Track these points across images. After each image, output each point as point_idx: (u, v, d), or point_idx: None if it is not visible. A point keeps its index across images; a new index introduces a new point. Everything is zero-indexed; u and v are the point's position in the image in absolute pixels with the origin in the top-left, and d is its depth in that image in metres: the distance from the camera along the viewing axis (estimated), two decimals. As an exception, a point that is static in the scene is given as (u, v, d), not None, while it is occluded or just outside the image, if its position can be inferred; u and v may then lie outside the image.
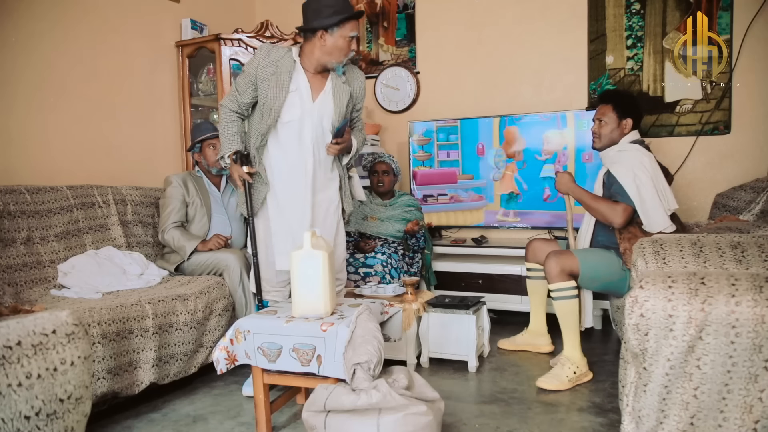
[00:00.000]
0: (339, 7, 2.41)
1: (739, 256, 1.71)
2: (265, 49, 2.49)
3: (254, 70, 2.46)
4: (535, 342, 3.03)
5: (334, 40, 2.42)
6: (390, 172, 3.55)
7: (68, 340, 1.62)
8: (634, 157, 2.59)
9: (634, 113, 2.73)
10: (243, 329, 2.15)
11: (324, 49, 2.44)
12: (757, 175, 3.27)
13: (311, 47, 2.47)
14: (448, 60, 4.16)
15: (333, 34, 2.41)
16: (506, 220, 3.89)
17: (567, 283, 2.60)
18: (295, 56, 2.50)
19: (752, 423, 1.54)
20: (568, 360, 2.57)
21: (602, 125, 2.73)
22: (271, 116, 2.46)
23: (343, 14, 2.40)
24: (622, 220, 2.56)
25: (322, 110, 2.52)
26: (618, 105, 2.71)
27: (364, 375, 1.85)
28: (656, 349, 1.61)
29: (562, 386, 2.52)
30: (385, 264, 3.21)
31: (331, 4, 2.41)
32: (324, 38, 2.43)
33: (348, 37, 2.43)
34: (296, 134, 2.51)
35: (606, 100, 2.77)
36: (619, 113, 2.71)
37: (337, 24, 2.40)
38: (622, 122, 2.71)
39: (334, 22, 2.39)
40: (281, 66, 2.47)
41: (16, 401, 1.44)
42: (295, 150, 2.51)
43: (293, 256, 2.14)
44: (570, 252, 2.65)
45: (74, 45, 3.21)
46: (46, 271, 2.71)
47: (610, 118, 2.71)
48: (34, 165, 2.99)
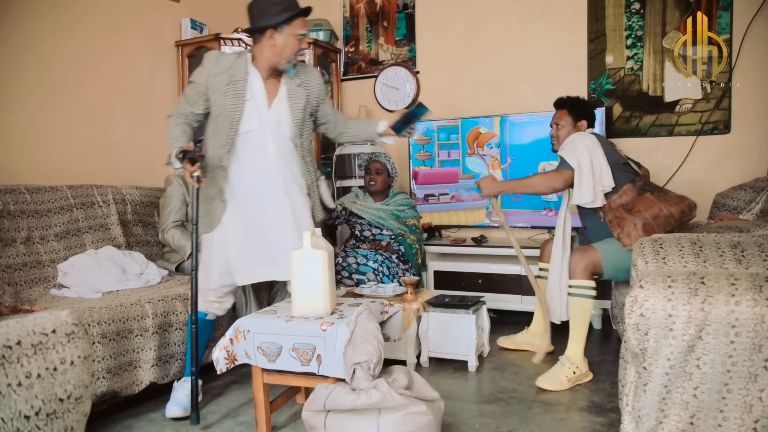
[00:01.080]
0: (287, 4, 2.32)
1: (738, 256, 1.71)
2: (213, 56, 2.38)
3: (204, 80, 2.35)
4: (534, 342, 3.03)
5: (284, 39, 2.33)
6: (384, 172, 3.52)
7: (68, 339, 1.62)
8: (577, 138, 2.73)
9: (588, 116, 2.94)
10: (243, 329, 2.15)
11: (274, 49, 2.34)
12: (756, 175, 3.27)
13: (261, 49, 2.37)
14: (448, 60, 4.16)
15: (283, 33, 2.32)
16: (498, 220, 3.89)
17: (589, 281, 2.60)
18: (248, 61, 2.40)
19: (752, 422, 1.54)
20: (568, 360, 2.57)
21: (559, 128, 2.93)
22: (231, 128, 2.34)
23: (292, 11, 2.31)
24: (563, 182, 2.69)
25: (279, 117, 2.42)
26: (572, 109, 2.92)
27: (363, 375, 1.85)
28: (656, 349, 1.61)
29: (561, 386, 2.52)
30: (377, 272, 3.20)
31: (279, 1, 2.32)
32: (274, 38, 2.33)
33: (298, 34, 2.34)
34: (257, 144, 2.39)
35: (561, 105, 2.98)
36: (574, 117, 2.91)
37: (287, 21, 2.31)
38: (577, 124, 2.90)
39: (283, 20, 2.30)
40: (235, 74, 2.35)
41: (15, 401, 1.44)
42: (257, 161, 2.39)
43: (293, 255, 2.14)
44: (592, 247, 2.66)
45: (74, 45, 3.21)
46: (46, 271, 2.72)
47: (567, 121, 2.91)
48: (34, 164, 2.99)
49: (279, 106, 2.42)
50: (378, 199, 3.57)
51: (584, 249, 2.66)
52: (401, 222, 3.49)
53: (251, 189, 2.40)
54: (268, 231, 2.41)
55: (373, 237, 3.49)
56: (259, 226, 2.40)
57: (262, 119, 2.38)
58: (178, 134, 2.37)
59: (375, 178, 3.51)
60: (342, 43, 4.46)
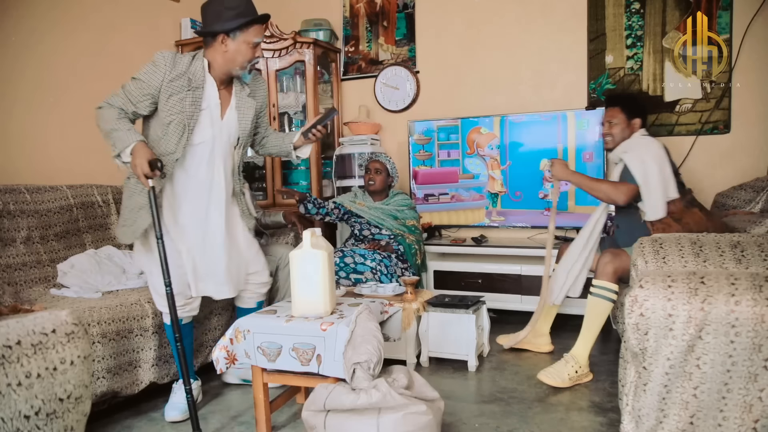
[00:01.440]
0: (242, 9, 2.21)
1: (738, 256, 1.71)
2: (168, 57, 2.23)
3: (158, 82, 2.19)
4: (535, 341, 3.04)
5: (236, 46, 2.22)
6: (383, 172, 3.52)
7: (68, 339, 1.62)
8: (643, 143, 2.69)
9: (642, 113, 2.85)
10: (243, 329, 2.15)
11: (226, 55, 2.24)
12: (756, 175, 3.27)
13: (213, 54, 2.26)
14: (448, 59, 4.16)
15: (235, 39, 2.22)
16: (498, 219, 3.89)
17: (613, 285, 2.56)
18: (205, 68, 2.27)
19: (752, 422, 1.54)
20: (573, 358, 2.57)
21: (612, 126, 2.84)
22: (183, 137, 2.23)
23: (247, 17, 2.21)
24: (626, 198, 2.64)
25: (230, 128, 2.35)
26: (626, 106, 2.83)
27: (363, 374, 1.85)
28: (656, 349, 1.61)
29: (562, 383, 2.52)
30: (374, 270, 3.20)
31: (234, 6, 2.20)
32: (225, 43, 2.23)
33: (252, 42, 2.24)
34: (205, 155, 2.30)
35: (614, 102, 2.89)
36: (627, 114, 2.82)
37: (240, 28, 2.21)
38: (631, 122, 2.82)
39: (236, 26, 2.20)
40: (193, 79, 2.23)
41: (15, 401, 1.44)
42: (203, 172, 2.31)
43: (293, 255, 2.14)
44: (624, 251, 2.61)
45: (74, 44, 3.21)
46: (46, 271, 2.72)
47: (620, 119, 2.83)
48: (34, 164, 2.99)
49: (230, 118, 2.35)
50: (377, 199, 3.56)
51: (617, 252, 2.60)
52: (400, 222, 3.49)
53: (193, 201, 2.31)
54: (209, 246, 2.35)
55: (372, 236, 3.49)
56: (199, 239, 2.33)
57: (214, 130, 2.30)
58: (128, 127, 2.17)
59: (374, 178, 3.51)
60: (342, 43, 4.46)
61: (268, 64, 3.87)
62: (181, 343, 2.16)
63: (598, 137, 3.57)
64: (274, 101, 3.89)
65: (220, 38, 2.23)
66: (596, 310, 2.57)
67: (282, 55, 3.89)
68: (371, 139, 4.10)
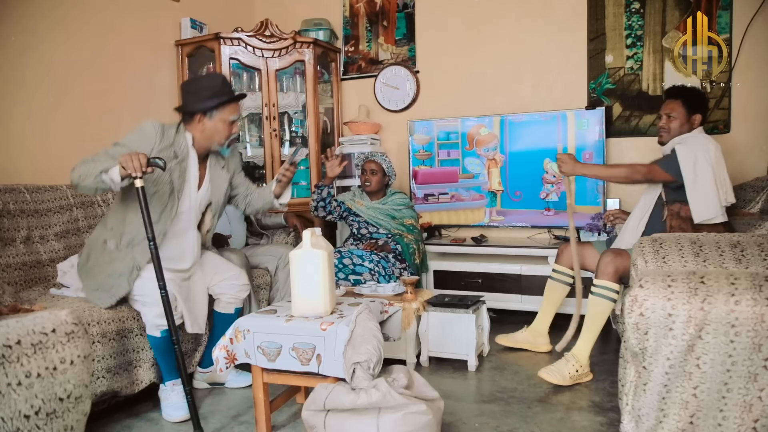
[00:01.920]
0: (217, 89, 2.32)
1: (738, 255, 1.71)
2: (158, 127, 2.29)
3: (147, 150, 2.21)
4: (534, 341, 3.03)
5: (213, 124, 2.34)
6: (378, 172, 3.51)
7: (68, 339, 1.62)
8: (700, 141, 2.59)
9: (703, 109, 2.73)
10: (243, 328, 2.15)
11: (204, 133, 2.36)
12: (756, 174, 3.27)
13: (192, 131, 2.38)
14: (448, 59, 4.16)
15: (212, 118, 2.33)
16: (497, 219, 3.89)
17: (614, 284, 2.54)
18: (189, 142, 2.38)
19: (752, 422, 1.54)
20: (573, 357, 2.57)
21: (671, 120, 2.73)
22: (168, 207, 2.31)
23: (222, 97, 2.31)
24: (642, 175, 2.57)
25: (203, 200, 2.45)
26: (687, 100, 2.71)
27: (363, 374, 1.85)
28: (656, 348, 1.61)
29: (563, 381, 2.52)
30: (373, 272, 3.20)
31: (209, 86, 2.32)
32: (203, 122, 2.34)
33: (228, 120, 2.35)
34: (180, 225, 2.39)
35: (675, 95, 2.76)
36: (688, 109, 2.70)
37: (216, 107, 2.32)
38: (691, 118, 2.70)
39: (212, 106, 2.31)
40: (180, 151, 2.32)
41: (15, 400, 1.44)
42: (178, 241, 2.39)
43: (293, 255, 2.14)
44: (626, 252, 2.58)
45: (74, 44, 3.21)
46: (46, 270, 2.71)
47: (679, 113, 2.71)
48: (34, 164, 2.99)
49: (205, 190, 2.46)
50: (375, 198, 3.57)
51: (618, 252, 2.59)
52: (398, 222, 3.49)
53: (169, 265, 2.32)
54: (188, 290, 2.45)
55: (370, 235, 3.49)
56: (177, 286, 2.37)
57: (191, 202, 2.40)
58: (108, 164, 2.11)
59: (370, 179, 3.51)
60: (342, 43, 4.46)
61: (268, 63, 3.87)
62: (179, 347, 2.17)
63: (598, 137, 3.57)
64: (274, 101, 3.89)
65: (197, 117, 2.35)
66: (598, 309, 2.56)
67: (282, 54, 3.89)
68: (371, 139, 4.10)
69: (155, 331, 2.28)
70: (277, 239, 3.49)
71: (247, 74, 3.95)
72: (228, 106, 2.35)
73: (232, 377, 2.65)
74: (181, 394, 2.27)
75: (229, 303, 2.61)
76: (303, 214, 3.82)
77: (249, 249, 3.28)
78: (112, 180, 2.08)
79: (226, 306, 2.61)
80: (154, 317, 2.25)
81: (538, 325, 3.05)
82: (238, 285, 2.60)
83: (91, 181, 2.11)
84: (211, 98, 2.31)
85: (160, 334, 2.26)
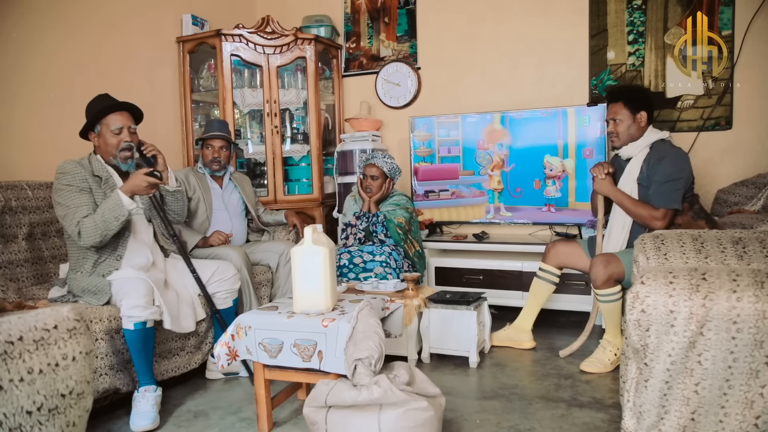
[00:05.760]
0: (97, 105, 2.46)
1: (740, 252, 1.70)
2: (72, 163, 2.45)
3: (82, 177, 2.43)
4: (517, 337, 3.03)
5: (103, 139, 2.47)
6: (379, 177, 3.35)
7: (70, 335, 1.62)
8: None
9: (646, 105, 2.70)
10: (244, 325, 2.15)
11: (101, 149, 2.49)
12: (758, 171, 3.26)
13: (98, 151, 2.53)
14: (449, 56, 4.15)
15: (100, 132, 2.47)
16: (500, 216, 3.89)
17: (614, 288, 2.61)
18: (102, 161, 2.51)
19: (753, 418, 1.54)
20: (609, 343, 2.62)
21: (617, 124, 2.72)
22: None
23: (97, 108, 2.44)
24: (662, 225, 2.56)
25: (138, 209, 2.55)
26: (629, 100, 2.69)
27: (365, 371, 1.86)
28: (657, 345, 1.61)
29: (605, 369, 2.59)
30: (385, 264, 3.16)
31: (92, 105, 2.47)
32: (95, 139, 2.49)
33: (113, 129, 2.45)
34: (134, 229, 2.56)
35: (615, 97, 2.74)
36: (630, 109, 2.69)
37: (97, 120, 2.46)
38: (636, 117, 2.69)
39: (95, 121, 2.46)
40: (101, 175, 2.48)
41: (17, 396, 1.44)
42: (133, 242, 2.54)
43: (294, 251, 2.14)
44: (616, 257, 2.60)
45: (76, 41, 3.21)
46: (48, 267, 2.72)
47: (624, 115, 2.70)
48: (36, 160, 2.99)
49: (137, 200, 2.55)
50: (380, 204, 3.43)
51: (607, 259, 2.60)
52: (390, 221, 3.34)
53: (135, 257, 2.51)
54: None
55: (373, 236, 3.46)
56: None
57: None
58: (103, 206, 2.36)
59: (371, 185, 3.37)
60: (343, 39, 4.45)
61: (270, 60, 3.87)
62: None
63: (599, 134, 3.56)
64: (275, 98, 3.89)
65: (92, 137, 2.50)
66: (611, 310, 2.65)
67: (283, 51, 3.89)
68: (372, 136, 4.09)
69: (129, 324, 2.25)
70: (279, 236, 3.49)
71: (249, 71, 3.95)
72: (108, 117, 2.45)
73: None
74: (150, 402, 2.25)
75: (226, 297, 2.73)
76: (303, 211, 3.82)
77: (250, 246, 3.28)
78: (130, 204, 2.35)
79: (224, 302, 2.72)
80: (128, 309, 2.24)
81: (521, 322, 3.05)
82: (226, 279, 2.71)
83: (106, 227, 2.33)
84: (93, 114, 2.46)
85: (133, 327, 2.24)
